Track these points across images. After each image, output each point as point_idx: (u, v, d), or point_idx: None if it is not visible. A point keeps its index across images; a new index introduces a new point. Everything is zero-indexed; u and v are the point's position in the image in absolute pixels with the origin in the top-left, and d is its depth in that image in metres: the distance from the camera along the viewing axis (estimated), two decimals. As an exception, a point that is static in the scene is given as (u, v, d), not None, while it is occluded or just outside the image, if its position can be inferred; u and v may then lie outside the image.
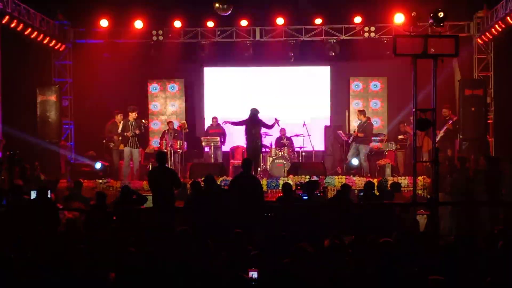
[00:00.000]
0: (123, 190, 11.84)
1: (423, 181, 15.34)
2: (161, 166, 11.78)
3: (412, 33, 15.65)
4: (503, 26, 16.31)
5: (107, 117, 17.25)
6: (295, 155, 18.17)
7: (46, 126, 17.59)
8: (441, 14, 14.14)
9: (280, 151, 17.52)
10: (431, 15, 14.61)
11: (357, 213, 10.85)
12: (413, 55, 10.43)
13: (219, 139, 18.26)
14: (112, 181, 16.16)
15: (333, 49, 18.85)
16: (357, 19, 18.48)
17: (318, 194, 13.04)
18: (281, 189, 12.07)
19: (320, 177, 15.97)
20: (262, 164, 17.44)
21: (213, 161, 17.97)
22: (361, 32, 18.53)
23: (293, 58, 19.66)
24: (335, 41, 18.78)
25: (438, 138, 14.65)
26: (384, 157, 17.81)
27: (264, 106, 19.08)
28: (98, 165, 16.71)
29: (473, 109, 17.09)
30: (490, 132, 18.02)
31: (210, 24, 18.81)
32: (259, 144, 16.86)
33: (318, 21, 18.74)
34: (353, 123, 19.07)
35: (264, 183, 15.52)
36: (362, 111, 17.69)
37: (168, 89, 20.61)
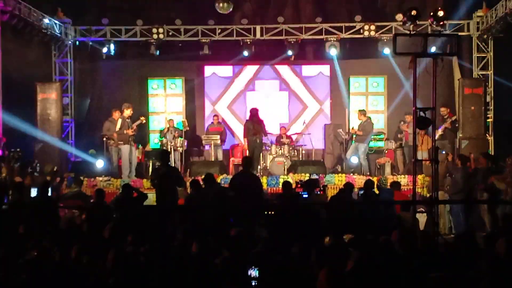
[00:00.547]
0: (124, 188, 11.87)
1: (423, 179, 15.36)
2: (165, 165, 11.83)
3: (412, 31, 15.65)
4: (503, 25, 16.33)
5: (107, 115, 17.26)
6: (295, 153, 18.18)
7: (47, 124, 17.60)
8: (441, 13, 14.13)
9: (280, 149, 17.54)
10: (431, 13, 14.61)
11: (357, 211, 10.88)
12: (413, 53, 10.44)
13: (219, 137, 18.28)
14: (112, 179, 16.17)
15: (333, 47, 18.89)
16: (357, 18, 18.50)
17: (318, 192, 13.06)
18: (281, 187, 12.10)
19: (320, 175, 15.99)
20: (262, 162, 17.46)
21: (213, 159, 17.99)
22: (361, 31, 18.54)
23: (293, 57, 19.69)
24: (335, 39, 18.79)
25: (437, 137, 14.64)
26: (383, 155, 17.83)
27: (264, 105, 19.19)
28: (101, 163, 16.68)
29: (472, 108, 17.11)
30: (490, 131, 18.04)
31: (211, 22, 18.82)
32: (258, 141, 16.88)
33: (318, 19, 18.75)
34: (353, 122, 19.06)
35: (264, 181, 15.55)
36: (362, 111, 17.69)
37: (168, 87, 20.62)
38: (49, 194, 11.93)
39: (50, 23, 17.84)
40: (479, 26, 18.18)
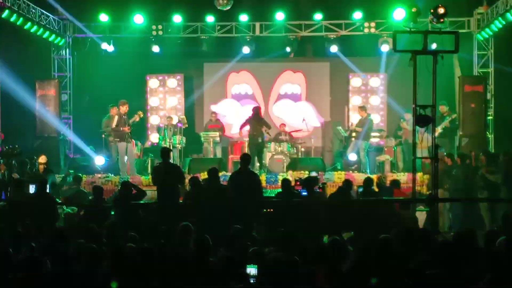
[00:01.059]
0: (123, 185, 11.83)
1: (422, 177, 15.31)
2: (166, 162, 11.80)
3: (412, 29, 15.62)
4: (503, 22, 16.28)
5: (106, 112, 17.21)
6: (294, 151, 18.14)
7: (45, 120, 17.55)
8: (441, 10, 14.08)
9: (279, 146, 17.50)
10: (431, 11, 14.57)
11: (356, 209, 10.84)
12: (413, 51, 10.42)
13: (218, 134, 18.25)
14: (111, 176, 16.13)
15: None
16: (357, 15, 18.45)
17: (317, 190, 13.02)
18: (280, 184, 12.06)
19: (319, 172, 15.97)
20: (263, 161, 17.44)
21: (212, 156, 17.95)
22: (361, 28, 18.49)
23: (292, 54, 19.64)
24: (335, 36, 18.73)
25: (436, 135, 14.58)
26: (383, 153, 17.79)
27: (263, 102, 19.16)
28: (101, 160, 16.60)
29: (473, 105, 17.06)
30: (490, 129, 18.00)
31: (210, 19, 18.77)
32: (261, 141, 16.89)
33: (318, 16, 18.70)
34: (352, 119, 19.02)
35: (263, 178, 15.51)
36: (362, 107, 17.66)
37: (167, 84, 20.59)
38: (48, 191, 11.88)
39: (49, 19, 17.81)
40: (479, 23, 18.12)
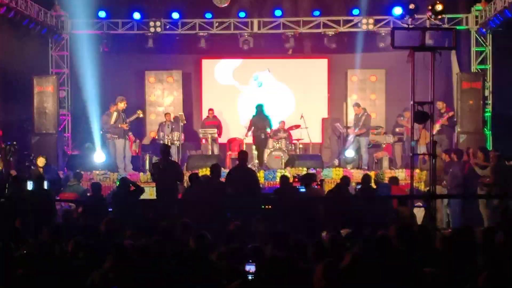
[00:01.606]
0: (121, 181, 11.84)
1: (420, 173, 15.33)
2: (165, 159, 11.81)
3: (410, 25, 15.61)
4: (501, 19, 16.29)
5: (104, 109, 17.20)
6: (293, 147, 18.15)
7: (43, 117, 17.54)
8: (439, 7, 14.07)
9: (278, 143, 17.51)
10: (429, 7, 14.57)
11: (354, 206, 10.86)
12: (411, 47, 10.42)
13: (216, 131, 18.26)
14: (109, 173, 16.14)
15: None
16: (355, 11, 18.45)
17: (315, 186, 13.04)
18: (278, 181, 12.07)
19: (318, 169, 15.99)
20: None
21: (210, 153, 17.96)
22: (359, 25, 18.48)
23: (290, 50, 19.63)
24: (333, 33, 18.72)
25: (434, 132, 14.64)
26: (381, 149, 17.80)
27: (261, 99, 19.12)
28: (102, 157, 16.57)
29: (471, 102, 17.07)
30: (488, 126, 18.01)
31: (208, 15, 18.76)
32: (264, 137, 16.93)
33: (316, 13, 18.69)
34: (350, 116, 19.00)
35: (261, 175, 15.54)
36: (357, 104, 17.68)
37: (165, 80, 20.57)
38: (45, 187, 11.88)
39: (47, 15, 17.78)
40: (477, 20, 18.12)
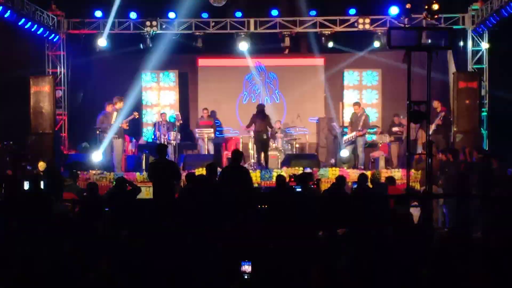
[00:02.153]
0: (117, 181, 11.81)
1: (416, 173, 15.34)
2: (162, 158, 11.81)
3: (406, 25, 15.65)
4: (498, 19, 16.30)
5: (101, 109, 17.19)
6: (289, 147, 18.15)
7: (40, 117, 17.51)
8: (435, 6, 14.13)
9: (274, 142, 17.50)
10: (426, 7, 14.61)
11: (350, 205, 10.84)
12: (407, 47, 10.41)
13: (212, 130, 18.27)
14: (106, 172, 16.11)
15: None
16: (352, 11, 18.45)
17: (312, 186, 13.04)
18: (274, 180, 12.07)
19: (314, 169, 15.99)
20: (256, 156, 17.44)
21: (207, 152, 17.96)
22: (356, 24, 18.48)
23: (287, 50, 19.63)
24: (329, 32, 18.71)
25: (430, 132, 14.67)
26: (378, 149, 17.82)
27: (257, 98, 19.14)
28: (99, 156, 16.53)
29: (467, 101, 17.09)
30: (484, 125, 18.03)
31: (205, 15, 18.76)
32: (265, 137, 16.95)
33: (313, 12, 18.70)
34: (346, 116, 19.02)
35: (257, 174, 15.54)
36: (357, 103, 17.71)
37: (162, 80, 20.56)
38: (42, 187, 11.85)
39: (43, 15, 17.76)
40: (474, 19, 18.13)
